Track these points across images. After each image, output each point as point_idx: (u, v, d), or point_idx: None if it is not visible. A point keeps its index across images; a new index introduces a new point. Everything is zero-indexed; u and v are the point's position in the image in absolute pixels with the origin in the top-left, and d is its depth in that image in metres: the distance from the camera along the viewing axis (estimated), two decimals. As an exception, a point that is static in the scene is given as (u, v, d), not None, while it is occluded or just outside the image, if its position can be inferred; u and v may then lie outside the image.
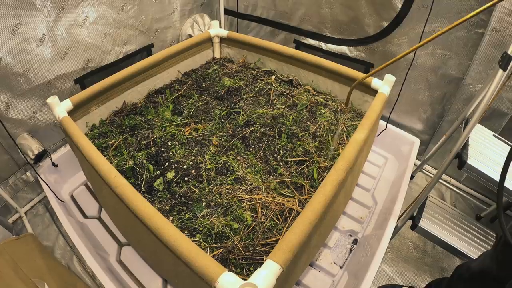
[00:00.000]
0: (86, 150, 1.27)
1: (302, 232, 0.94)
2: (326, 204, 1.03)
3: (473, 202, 2.51)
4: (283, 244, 0.91)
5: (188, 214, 1.29)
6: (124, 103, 1.86)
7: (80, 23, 1.92)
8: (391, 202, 2.01)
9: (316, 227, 1.06)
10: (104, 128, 1.70)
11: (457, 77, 2.27)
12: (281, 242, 0.92)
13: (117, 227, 1.68)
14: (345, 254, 1.90)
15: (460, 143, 1.79)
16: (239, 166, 1.47)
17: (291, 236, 0.93)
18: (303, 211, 1.00)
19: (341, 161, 1.20)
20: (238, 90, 1.94)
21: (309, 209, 1.00)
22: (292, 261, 0.93)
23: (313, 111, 1.79)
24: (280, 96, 1.91)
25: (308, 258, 1.45)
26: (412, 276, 2.09)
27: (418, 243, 2.24)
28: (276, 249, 0.91)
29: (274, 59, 2.12)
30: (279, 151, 1.56)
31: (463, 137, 1.78)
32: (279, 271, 0.87)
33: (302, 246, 0.98)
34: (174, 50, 2.00)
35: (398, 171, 2.36)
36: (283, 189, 1.40)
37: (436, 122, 2.57)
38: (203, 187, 1.39)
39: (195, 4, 2.64)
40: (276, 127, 1.67)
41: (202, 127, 1.68)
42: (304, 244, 1.00)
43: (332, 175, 1.13)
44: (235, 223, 1.26)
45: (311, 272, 1.77)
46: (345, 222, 2.03)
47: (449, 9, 2.07)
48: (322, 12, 2.53)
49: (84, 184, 2.09)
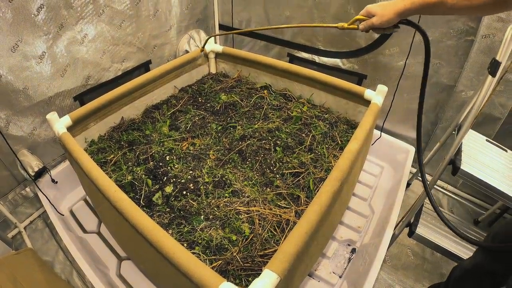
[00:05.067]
0: (85, 165, 1.29)
1: (298, 241, 0.97)
2: (321, 214, 1.06)
3: (470, 207, 2.54)
4: (280, 254, 0.94)
5: (187, 227, 1.31)
6: (122, 118, 1.88)
7: (79, 40, 1.96)
8: (388, 211, 2.05)
9: (313, 236, 1.09)
10: (103, 143, 1.72)
11: (449, 85, 2.32)
12: (278, 252, 0.95)
13: (117, 241, 1.69)
14: (344, 263, 1.91)
15: (453, 150, 1.83)
16: (236, 179, 1.50)
17: (287, 246, 0.95)
18: (299, 222, 1.03)
19: (335, 171, 1.23)
20: (234, 105, 1.98)
21: (305, 219, 1.03)
22: (289, 271, 0.95)
23: (308, 124, 1.83)
24: (275, 109, 1.95)
25: (306, 268, 1.47)
26: (412, 283, 2.09)
27: (416, 250, 2.26)
28: (273, 259, 0.93)
29: (269, 73, 2.16)
30: (275, 164, 1.59)
31: (456, 143, 1.82)
32: (277, 281, 0.89)
33: (299, 255, 1.00)
34: (170, 66, 2.03)
35: (394, 180, 2.40)
36: (280, 200, 1.42)
37: (430, 130, 2.61)
38: (201, 200, 1.41)
39: (191, 20, 2.70)
40: (272, 140, 1.70)
41: (199, 142, 1.71)
42: (301, 254, 1.02)
43: (327, 185, 1.16)
44: (233, 235, 1.28)
45: (310, 282, 1.80)
46: (343, 232, 2.05)
47: (437, 19, 2.14)
48: (314, 26, 2.59)
49: (83, 199, 2.11)
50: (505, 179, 1.85)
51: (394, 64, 2.41)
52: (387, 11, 1.32)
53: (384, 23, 1.33)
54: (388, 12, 1.32)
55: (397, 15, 1.31)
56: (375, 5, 1.36)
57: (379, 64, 2.50)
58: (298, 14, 2.60)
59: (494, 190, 1.77)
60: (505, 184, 1.82)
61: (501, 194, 1.79)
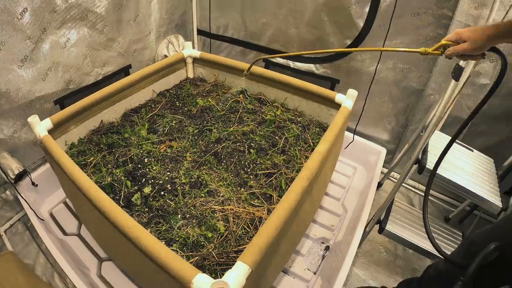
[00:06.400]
0: (67, 167, 1.34)
1: (268, 235, 1.05)
2: (290, 210, 1.15)
3: (441, 205, 2.66)
4: (251, 247, 1.02)
5: (165, 225, 1.38)
6: (102, 122, 1.93)
7: (61, 44, 1.99)
8: (360, 209, 2.15)
9: (283, 232, 1.18)
10: (83, 146, 1.77)
11: (418, 89, 2.45)
12: (250, 245, 1.03)
13: (98, 241, 1.74)
14: (318, 260, 2.00)
15: (418, 150, 1.93)
16: (212, 180, 1.57)
17: (258, 240, 1.04)
18: (269, 218, 1.12)
19: (304, 171, 1.33)
20: (210, 109, 2.05)
21: (275, 215, 1.11)
22: (260, 263, 1.04)
23: (281, 127, 1.92)
24: (250, 113, 2.03)
25: (279, 263, 1.55)
26: (385, 278, 2.19)
27: (388, 246, 2.35)
28: (245, 252, 1.02)
29: (245, 78, 2.24)
30: (249, 165, 1.67)
31: (421, 144, 1.92)
32: (248, 271, 0.97)
33: (270, 249, 1.09)
34: (149, 71, 2.09)
35: (366, 180, 2.52)
36: (253, 199, 1.51)
37: (401, 132, 2.74)
38: (178, 200, 1.48)
39: (170, 25, 2.76)
40: (246, 143, 1.78)
41: (176, 145, 1.78)
42: (272, 247, 1.11)
43: (296, 184, 1.26)
44: (209, 232, 1.35)
45: (286, 278, 1.88)
46: (317, 230, 2.15)
47: (407, 26, 2.25)
48: (289, 32, 2.68)
49: (63, 202, 2.14)
50: (470, 177, 1.95)
51: (365, 69, 2.52)
52: (480, 36, 1.22)
53: (476, 49, 1.25)
54: (481, 38, 1.22)
55: (490, 41, 1.22)
56: (466, 30, 1.26)
57: (352, 69, 2.61)
58: (274, 21, 2.69)
59: (459, 187, 1.87)
60: (470, 182, 1.92)
61: (466, 191, 1.89)
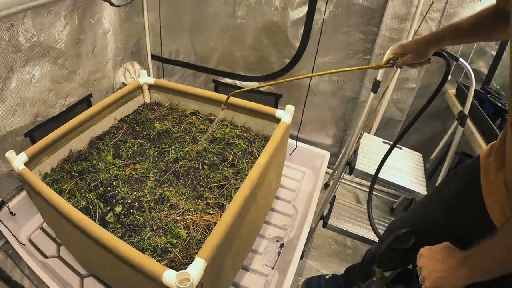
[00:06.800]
0: (48, 195, 1.53)
1: (218, 236, 1.34)
2: (235, 215, 1.44)
3: (385, 198, 3.01)
4: (206, 246, 1.31)
5: (136, 238, 1.60)
6: (71, 151, 2.12)
7: (27, 81, 2.16)
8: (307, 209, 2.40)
9: (232, 232, 1.47)
10: (56, 175, 1.96)
11: (353, 97, 2.80)
12: (204, 245, 1.32)
13: (78, 259, 1.96)
14: (274, 257, 2.24)
15: (348, 153, 2.28)
16: (173, 195, 1.81)
17: (210, 240, 1.33)
18: (219, 221, 1.41)
19: (246, 182, 1.61)
20: (167, 131, 2.30)
21: (223, 220, 1.41)
22: (215, 258, 1.32)
23: (230, 143, 2.19)
24: (202, 132, 2.30)
25: (236, 260, 1.85)
26: (336, 267, 2.46)
27: (338, 239, 2.64)
28: (201, 250, 1.30)
29: (196, 100, 2.49)
30: (204, 180, 1.93)
31: (350, 148, 2.25)
32: (205, 264, 1.25)
33: (222, 246, 1.37)
34: (109, 101, 2.28)
35: (314, 182, 2.74)
36: (209, 209, 1.77)
37: (342, 136, 3.09)
38: (146, 215, 1.70)
39: (125, 53, 2.98)
40: (200, 160, 2.04)
41: (139, 167, 2.01)
42: (224, 245, 1.40)
43: (239, 193, 1.54)
44: (174, 239, 1.59)
45: (247, 275, 2.13)
46: (271, 230, 2.43)
47: (338, 43, 2.61)
48: (235, 55, 2.97)
49: (39, 228, 2.30)
50: (400, 173, 2.16)
51: (304, 83, 2.81)
52: (423, 46, 1.37)
53: (422, 57, 1.39)
54: (424, 46, 1.36)
55: (431, 48, 1.36)
56: (409, 42, 1.41)
57: (292, 84, 2.93)
58: (220, 45, 2.97)
59: (389, 183, 2.08)
60: (399, 177, 2.11)
61: (395, 185, 2.09)
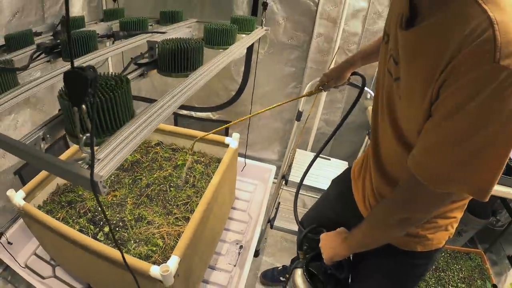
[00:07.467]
0: (50, 223, 1.84)
1: (187, 239, 1.83)
2: (196, 224, 1.90)
3: None
4: (178, 247, 1.77)
5: (124, 249, 1.94)
6: (57, 185, 2.39)
7: (13, 126, 2.44)
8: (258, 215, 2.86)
9: (196, 237, 1.94)
10: (49, 206, 2.24)
11: (291, 119, 3.35)
12: (177, 246, 1.79)
13: (74, 273, 2.32)
14: (235, 257, 2.60)
15: (282, 167, 2.75)
16: (148, 214, 2.21)
17: (181, 242, 1.80)
18: (185, 230, 1.89)
19: (203, 198, 2.06)
20: (137, 162, 2.72)
21: (189, 228, 1.88)
22: (185, 255, 1.78)
23: (190, 168, 2.67)
24: (167, 160, 2.74)
25: (202, 258, 2.29)
26: (287, 260, 2.77)
27: (287, 237, 3.04)
28: (175, 249, 1.76)
29: (159, 133, 2.88)
30: (172, 199, 2.37)
31: (283, 164, 2.75)
32: (178, 259, 1.72)
33: (190, 246, 1.84)
34: None
35: (263, 192, 3.12)
36: (178, 222, 2.20)
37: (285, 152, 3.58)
38: (129, 231, 2.03)
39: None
40: (167, 184, 2.48)
41: (119, 193, 2.40)
42: (191, 246, 1.87)
43: (198, 208, 1.96)
44: (153, 247, 1.99)
45: (214, 272, 2.49)
46: (231, 236, 2.79)
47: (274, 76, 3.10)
48: (189, 90, 3.43)
49: (33, 254, 2.51)
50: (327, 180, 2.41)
51: (247, 111, 3.25)
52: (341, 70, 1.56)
53: (341, 79, 1.58)
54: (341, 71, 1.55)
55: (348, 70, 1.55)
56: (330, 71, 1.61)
57: (238, 111, 3.40)
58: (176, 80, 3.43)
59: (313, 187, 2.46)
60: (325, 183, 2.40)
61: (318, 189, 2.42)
